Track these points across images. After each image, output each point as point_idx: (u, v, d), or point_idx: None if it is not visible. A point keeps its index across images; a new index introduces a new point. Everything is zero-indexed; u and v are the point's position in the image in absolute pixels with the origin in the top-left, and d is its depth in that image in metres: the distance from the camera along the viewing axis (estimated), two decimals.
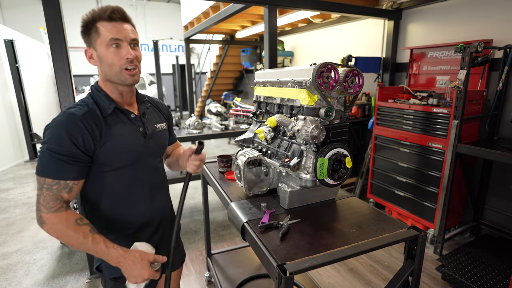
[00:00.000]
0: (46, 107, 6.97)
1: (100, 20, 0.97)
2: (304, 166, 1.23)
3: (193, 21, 5.05)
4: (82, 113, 0.93)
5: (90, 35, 0.98)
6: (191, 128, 3.16)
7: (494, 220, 2.56)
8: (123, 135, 1.01)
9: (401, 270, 1.11)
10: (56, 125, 0.90)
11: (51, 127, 0.91)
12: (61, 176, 0.89)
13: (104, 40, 0.96)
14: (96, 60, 1.00)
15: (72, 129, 0.89)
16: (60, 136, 0.88)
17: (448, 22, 2.82)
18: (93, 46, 0.99)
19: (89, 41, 0.99)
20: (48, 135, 0.90)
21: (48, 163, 0.88)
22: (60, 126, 0.90)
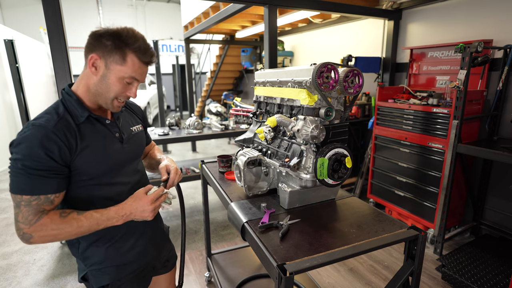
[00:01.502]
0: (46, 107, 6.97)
1: (134, 52, 0.92)
2: (304, 166, 1.23)
3: (193, 21, 5.05)
4: (54, 124, 0.87)
5: (112, 52, 0.90)
6: (191, 128, 3.16)
7: (494, 220, 2.56)
8: (99, 142, 0.97)
9: (401, 270, 1.11)
10: (28, 140, 0.84)
11: (22, 143, 0.84)
12: (40, 191, 0.86)
13: (124, 73, 0.92)
14: (97, 74, 0.93)
15: (46, 143, 0.85)
16: (34, 152, 0.83)
17: (448, 22, 2.82)
18: (105, 60, 0.91)
19: (105, 53, 0.91)
20: (21, 152, 0.83)
21: (25, 180, 0.84)
22: (33, 141, 0.84)
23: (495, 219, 2.56)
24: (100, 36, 0.91)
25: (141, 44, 0.93)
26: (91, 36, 0.94)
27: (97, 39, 0.91)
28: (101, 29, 0.93)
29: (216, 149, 6.07)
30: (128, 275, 1.09)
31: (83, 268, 1.07)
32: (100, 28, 0.94)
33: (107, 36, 0.90)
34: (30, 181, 0.84)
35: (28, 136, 0.84)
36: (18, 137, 0.86)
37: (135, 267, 1.11)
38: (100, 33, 0.92)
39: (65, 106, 0.94)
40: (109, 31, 0.91)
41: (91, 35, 0.94)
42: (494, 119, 2.45)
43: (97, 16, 10.47)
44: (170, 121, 3.33)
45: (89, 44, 0.94)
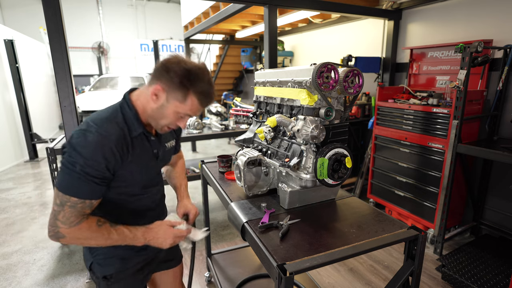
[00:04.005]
0: (46, 107, 6.98)
1: (196, 94, 0.94)
2: (304, 166, 1.23)
3: (193, 21, 5.05)
4: (116, 138, 0.93)
5: (176, 89, 0.92)
6: (191, 128, 3.16)
7: (494, 220, 2.56)
8: (142, 158, 1.03)
9: (401, 270, 1.11)
10: (93, 148, 0.88)
11: (86, 148, 0.87)
12: (89, 196, 0.90)
13: (181, 109, 0.96)
14: (157, 103, 0.96)
15: (109, 155, 0.90)
16: (96, 161, 0.88)
17: (448, 22, 2.82)
18: (167, 94, 0.94)
19: (170, 87, 0.93)
20: (83, 156, 0.87)
21: (78, 183, 0.88)
22: (97, 149, 0.88)
23: (495, 219, 2.56)
24: (169, 69, 0.92)
25: (205, 89, 0.95)
26: (162, 65, 0.94)
27: (167, 71, 0.92)
28: (173, 60, 0.93)
29: (216, 149, 6.07)
30: (132, 267, 1.12)
31: (89, 258, 1.10)
32: (173, 57, 0.94)
33: (176, 72, 0.91)
34: (83, 185, 0.88)
35: (92, 143, 0.88)
36: (80, 138, 0.89)
37: (139, 260, 1.14)
38: (171, 66, 0.92)
39: (124, 117, 0.98)
40: (180, 67, 0.92)
41: (163, 64, 0.94)
42: (494, 119, 2.45)
43: (97, 16, 10.48)
44: None
45: (158, 72, 0.95)
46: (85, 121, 0.95)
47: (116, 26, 10.75)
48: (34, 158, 5.25)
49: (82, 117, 5.84)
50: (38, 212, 3.29)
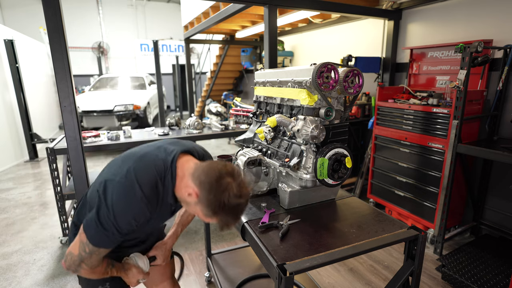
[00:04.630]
0: (46, 107, 6.98)
1: (220, 220, 0.95)
2: (304, 166, 1.23)
3: (193, 21, 5.05)
4: (152, 205, 0.98)
5: (207, 208, 0.93)
6: (191, 128, 3.16)
7: (494, 220, 2.56)
8: (162, 215, 1.11)
9: (401, 270, 1.11)
10: (130, 209, 0.93)
11: (125, 213, 0.93)
12: (114, 244, 0.98)
13: (201, 217, 0.98)
14: (185, 197, 0.99)
15: (140, 217, 0.96)
16: (129, 223, 0.94)
17: (448, 22, 2.82)
18: (198, 203, 0.95)
19: (203, 203, 0.94)
20: (119, 214, 0.92)
21: (110, 238, 0.94)
22: (134, 210, 0.94)
23: (495, 219, 2.56)
24: (211, 192, 0.91)
25: (230, 222, 0.96)
26: (214, 179, 0.92)
27: (209, 190, 0.91)
28: (222, 186, 0.91)
29: (216, 149, 6.07)
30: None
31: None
32: (225, 182, 0.92)
33: (217, 200, 0.91)
34: (112, 238, 0.95)
35: (132, 203, 0.94)
36: (121, 199, 0.93)
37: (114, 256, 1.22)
38: (216, 190, 0.91)
39: (164, 184, 1.00)
40: (223, 197, 0.91)
41: (214, 179, 0.92)
42: (494, 119, 2.45)
43: (97, 16, 10.47)
44: (170, 121, 3.33)
45: (205, 179, 0.93)
46: (129, 171, 0.96)
47: (116, 26, 10.74)
48: (34, 158, 5.25)
49: (82, 117, 5.84)
50: (38, 212, 3.29)
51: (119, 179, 0.95)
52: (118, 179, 0.95)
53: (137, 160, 1.00)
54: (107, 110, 5.90)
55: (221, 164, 0.97)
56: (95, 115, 5.88)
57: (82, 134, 2.31)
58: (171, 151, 1.05)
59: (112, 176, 0.98)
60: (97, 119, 5.93)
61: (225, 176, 0.92)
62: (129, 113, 6.03)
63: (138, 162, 1.00)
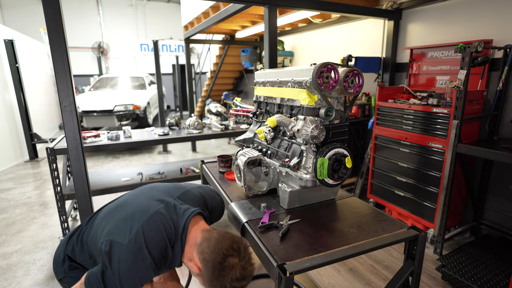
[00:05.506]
0: (46, 107, 6.98)
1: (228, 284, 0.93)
2: (304, 166, 1.23)
3: (193, 21, 5.05)
4: (161, 268, 0.96)
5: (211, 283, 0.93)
6: (191, 128, 3.16)
7: (494, 220, 2.56)
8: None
9: (401, 270, 1.11)
10: (136, 273, 0.91)
11: (130, 269, 0.90)
12: None
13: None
14: (195, 271, 0.98)
15: (146, 280, 0.94)
16: (134, 285, 0.92)
17: (448, 22, 2.82)
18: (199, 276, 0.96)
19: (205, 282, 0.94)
20: (123, 278, 0.90)
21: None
22: (139, 275, 0.91)
23: (495, 219, 2.56)
24: (213, 271, 0.91)
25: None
26: (213, 259, 0.92)
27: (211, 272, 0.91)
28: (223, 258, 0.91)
29: (216, 149, 6.07)
30: None
31: (61, 272, 1.13)
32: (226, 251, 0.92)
33: (219, 282, 0.91)
34: None
35: (139, 270, 0.91)
36: (129, 264, 0.90)
37: None
38: (214, 268, 0.91)
39: (173, 252, 0.99)
40: (226, 280, 0.90)
41: (213, 261, 0.91)
42: (494, 119, 2.45)
43: (97, 16, 10.48)
44: (170, 121, 3.33)
45: (204, 256, 0.93)
46: (138, 235, 0.93)
47: (116, 26, 10.75)
48: (34, 158, 5.25)
49: (82, 117, 5.84)
50: (38, 212, 3.29)
51: (127, 244, 0.91)
52: (126, 243, 0.92)
53: (146, 222, 0.96)
54: (107, 110, 5.90)
55: (229, 241, 0.94)
56: (95, 115, 5.88)
57: (82, 134, 2.31)
58: (183, 213, 1.01)
59: (119, 237, 0.94)
60: (97, 119, 5.93)
61: (230, 258, 0.91)
62: (129, 113, 6.03)
63: (148, 224, 0.96)
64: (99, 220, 1.07)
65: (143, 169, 3.24)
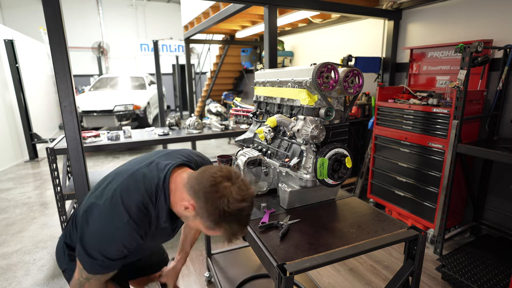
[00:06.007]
0: (46, 107, 6.98)
1: (225, 231, 0.88)
2: (304, 166, 1.23)
3: (193, 21, 5.05)
4: (144, 230, 0.92)
5: (207, 219, 0.86)
6: (191, 128, 3.16)
7: (494, 220, 2.56)
8: (160, 236, 1.06)
9: (401, 270, 1.11)
10: (117, 241, 0.88)
11: (110, 240, 0.88)
12: (111, 270, 0.94)
13: (204, 230, 0.93)
14: (183, 211, 0.92)
15: (131, 243, 0.90)
16: (118, 250, 0.89)
17: (448, 22, 2.82)
18: (196, 215, 0.89)
19: (202, 214, 0.86)
20: (107, 250, 0.88)
21: (102, 265, 0.90)
22: (118, 236, 0.88)
23: (495, 219, 2.56)
24: (209, 201, 0.84)
25: (237, 231, 0.88)
26: (208, 187, 0.84)
27: (206, 200, 0.84)
28: (218, 192, 0.83)
29: (216, 149, 6.07)
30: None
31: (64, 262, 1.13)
32: (222, 187, 0.84)
33: (215, 209, 0.83)
34: (107, 265, 0.91)
35: (117, 229, 0.87)
36: (107, 226, 0.87)
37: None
38: (212, 198, 0.83)
39: (157, 208, 0.94)
40: (221, 205, 0.82)
41: (208, 186, 0.84)
42: (494, 119, 2.45)
43: (97, 16, 10.47)
44: (170, 121, 3.33)
45: (194, 188, 0.87)
46: (115, 193, 0.89)
47: (116, 26, 10.75)
48: (34, 158, 5.25)
49: (82, 117, 5.84)
50: (38, 212, 3.29)
51: (103, 202, 0.89)
52: (102, 202, 0.89)
53: (124, 180, 0.92)
54: (107, 110, 5.90)
55: (215, 168, 0.88)
56: (95, 115, 5.88)
57: (82, 134, 2.31)
58: (164, 167, 0.96)
59: (98, 198, 0.91)
60: (97, 119, 5.93)
61: (221, 181, 0.84)
62: (129, 113, 6.03)
63: (125, 182, 0.92)
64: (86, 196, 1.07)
65: None
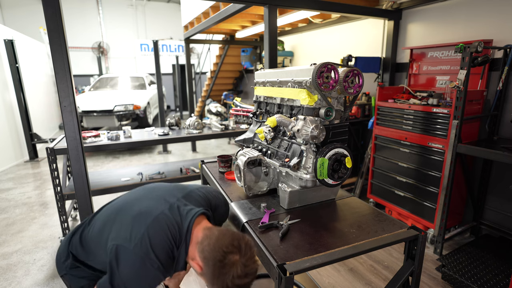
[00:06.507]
0: (46, 107, 6.98)
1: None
2: (304, 166, 1.23)
3: (193, 21, 5.05)
4: (169, 270, 0.97)
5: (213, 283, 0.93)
6: (191, 128, 3.16)
7: (494, 220, 2.56)
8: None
9: (401, 270, 1.11)
10: (144, 277, 0.91)
11: (139, 274, 0.90)
12: None
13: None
14: (197, 269, 0.98)
15: (156, 283, 0.94)
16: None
17: (448, 22, 2.82)
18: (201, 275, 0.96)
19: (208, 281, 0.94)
20: (132, 283, 0.90)
21: None
22: (147, 279, 0.92)
23: (495, 219, 2.56)
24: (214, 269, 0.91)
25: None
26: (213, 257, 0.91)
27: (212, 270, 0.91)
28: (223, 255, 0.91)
29: (216, 149, 6.07)
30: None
31: (62, 268, 1.13)
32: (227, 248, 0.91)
33: (220, 280, 0.90)
34: None
35: (148, 274, 0.91)
36: (136, 264, 0.90)
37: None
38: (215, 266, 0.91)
39: (179, 252, 0.99)
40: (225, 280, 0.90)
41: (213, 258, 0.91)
42: (494, 119, 2.45)
43: (97, 16, 10.47)
44: (170, 121, 3.33)
45: (205, 254, 0.93)
46: (143, 238, 0.92)
47: (116, 26, 10.75)
48: (34, 158, 5.25)
49: (82, 117, 5.84)
50: (38, 212, 3.29)
51: (133, 248, 0.91)
52: (132, 247, 0.91)
53: (151, 225, 0.96)
54: (107, 110, 5.90)
55: (229, 238, 0.93)
56: (95, 115, 5.88)
57: (82, 134, 2.31)
58: (186, 214, 1.01)
59: (124, 241, 0.93)
60: (97, 119, 5.93)
61: (231, 255, 0.90)
62: (129, 113, 6.03)
63: (153, 227, 0.95)
64: (102, 222, 1.06)
65: (143, 169, 3.24)
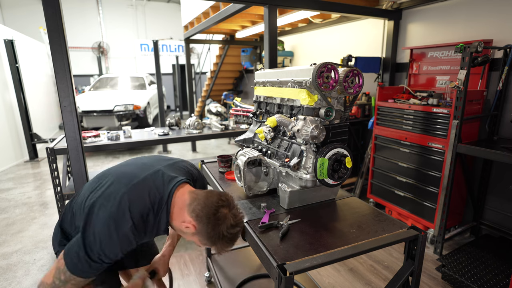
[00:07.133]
0: (46, 107, 6.98)
1: (220, 248, 1.01)
2: (304, 166, 1.23)
3: (193, 21, 5.05)
4: (142, 236, 0.97)
5: (206, 240, 0.98)
6: (191, 128, 3.16)
7: (494, 220, 2.56)
8: (151, 237, 1.08)
9: (401, 270, 1.11)
10: (119, 245, 0.91)
11: (111, 243, 0.89)
12: (95, 274, 0.94)
13: (201, 246, 1.04)
14: (183, 229, 1.01)
15: (128, 248, 0.94)
16: (115, 253, 0.91)
17: (448, 22, 2.82)
18: (196, 233, 0.99)
19: (202, 234, 0.98)
20: (105, 251, 0.89)
21: (91, 268, 0.90)
22: (122, 246, 0.91)
23: (495, 219, 2.56)
24: (208, 223, 0.96)
25: (229, 247, 1.02)
26: (212, 214, 0.96)
27: (206, 224, 0.95)
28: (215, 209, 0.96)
29: (216, 149, 6.07)
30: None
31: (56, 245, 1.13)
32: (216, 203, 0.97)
33: (215, 231, 0.96)
34: (93, 269, 0.91)
35: (121, 234, 0.91)
36: (108, 228, 0.89)
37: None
38: (209, 220, 0.96)
39: (157, 216, 1.00)
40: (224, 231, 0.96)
41: (212, 214, 0.96)
42: (494, 119, 2.45)
43: (97, 16, 10.47)
44: (170, 121, 3.33)
45: (197, 212, 0.97)
46: (123, 199, 0.93)
47: (116, 26, 10.75)
48: (34, 158, 5.25)
49: (82, 117, 5.84)
50: (38, 212, 3.29)
51: (110, 206, 0.91)
52: (109, 205, 0.91)
53: (132, 188, 0.97)
54: (107, 110, 5.90)
55: (216, 195, 0.99)
56: (95, 115, 5.88)
57: (82, 134, 2.31)
58: (169, 181, 1.03)
59: (104, 199, 0.93)
60: (97, 119, 5.93)
61: (221, 208, 0.97)
62: (129, 113, 6.03)
63: (134, 189, 0.96)
64: (88, 186, 1.07)
65: None
